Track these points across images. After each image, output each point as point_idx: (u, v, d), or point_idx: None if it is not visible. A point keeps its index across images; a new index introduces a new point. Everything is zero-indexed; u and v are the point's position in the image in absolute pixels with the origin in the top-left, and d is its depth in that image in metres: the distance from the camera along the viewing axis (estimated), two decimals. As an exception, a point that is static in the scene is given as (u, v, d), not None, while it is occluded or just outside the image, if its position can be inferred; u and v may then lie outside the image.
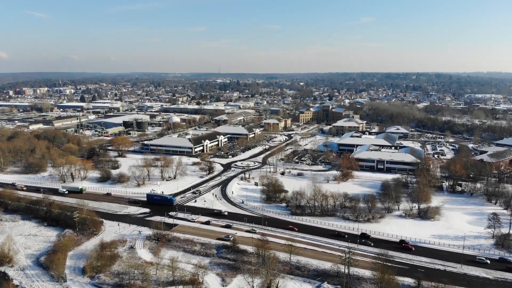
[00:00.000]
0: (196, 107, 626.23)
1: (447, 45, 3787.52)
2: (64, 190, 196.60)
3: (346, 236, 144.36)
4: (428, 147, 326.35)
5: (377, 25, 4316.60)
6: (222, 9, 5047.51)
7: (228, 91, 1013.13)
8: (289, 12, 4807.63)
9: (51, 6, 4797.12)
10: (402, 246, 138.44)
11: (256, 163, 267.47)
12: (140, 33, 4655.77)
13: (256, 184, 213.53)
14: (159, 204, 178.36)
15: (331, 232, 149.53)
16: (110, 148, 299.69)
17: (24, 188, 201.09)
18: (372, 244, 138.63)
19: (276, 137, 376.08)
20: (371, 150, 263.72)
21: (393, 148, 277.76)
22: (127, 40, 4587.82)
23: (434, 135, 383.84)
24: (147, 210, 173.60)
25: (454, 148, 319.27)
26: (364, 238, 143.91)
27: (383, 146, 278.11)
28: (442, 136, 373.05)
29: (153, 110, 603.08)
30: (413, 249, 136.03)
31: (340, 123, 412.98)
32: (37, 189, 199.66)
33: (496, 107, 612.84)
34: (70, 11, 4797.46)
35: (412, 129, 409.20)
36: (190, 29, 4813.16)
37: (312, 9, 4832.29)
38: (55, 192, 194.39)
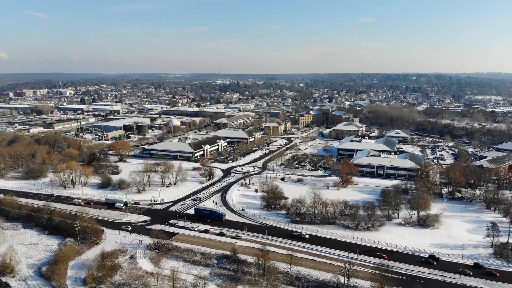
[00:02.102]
0: (196, 109, 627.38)
1: (447, 45, 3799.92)
2: (121, 205, 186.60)
3: (435, 263, 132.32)
4: (428, 151, 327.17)
5: (377, 25, 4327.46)
6: (222, 9, 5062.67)
7: (228, 93, 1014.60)
8: (289, 12, 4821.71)
9: (51, 6, 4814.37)
10: (486, 272, 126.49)
11: (256, 168, 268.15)
12: (140, 33, 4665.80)
13: (256, 190, 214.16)
14: (208, 218, 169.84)
15: (419, 259, 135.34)
16: (110, 152, 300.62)
17: (82, 203, 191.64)
18: (471, 274, 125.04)
19: (276, 141, 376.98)
20: (371, 155, 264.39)
21: (392, 153, 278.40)
22: (127, 40, 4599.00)
23: (434, 139, 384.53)
24: (147, 218, 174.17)
25: (454, 152, 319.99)
26: (433, 260, 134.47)
27: (382, 151, 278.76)
28: (442, 140, 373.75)
29: (153, 113, 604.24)
30: (498, 275, 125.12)
31: (340, 126, 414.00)
32: (92, 202, 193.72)
33: (495, 110, 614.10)
34: (70, 11, 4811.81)
35: (412, 133, 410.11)
36: (190, 29, 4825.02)
37: (312, 9, 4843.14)
38: (112, 206, 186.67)
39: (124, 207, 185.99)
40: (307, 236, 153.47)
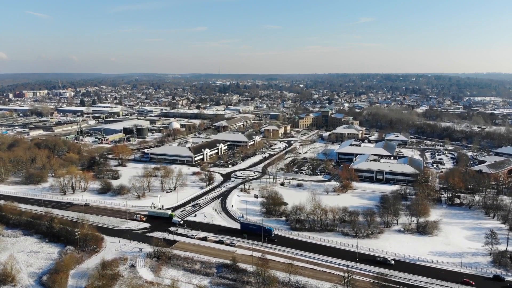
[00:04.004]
0: (196, 111, 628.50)
1: (447, 46, 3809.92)
2: (179, 220, 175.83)
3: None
4: (427, 155, 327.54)
5: (376, 25, 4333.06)
6: (222, 9, 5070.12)
7: (228, 94, 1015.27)
8: (289, 12, 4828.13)
9: (51, 6, 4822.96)
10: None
11: (256, 173, 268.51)
12: (140, 33, 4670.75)
13: (256, 196, 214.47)
14: (255, 234, 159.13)
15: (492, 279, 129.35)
16: (110, 156, 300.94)
17: (144, 219, 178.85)
18: None
19: (275, 144, 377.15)
20: (370, 160, 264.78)
21: (392, 158, 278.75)
22: (127, 40, 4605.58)
23: (433, 142, 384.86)
24: (147, 225, 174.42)
25: (453, 156, 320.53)
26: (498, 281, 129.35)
27: (382, 156, 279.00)
28: (441, 144, 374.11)
29: (153, 115, 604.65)
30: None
31: (339, 129, 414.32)
32: (152, 218, 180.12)
33: (495, 112, 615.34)
34: (70, 11, 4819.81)
35: (411, 136, 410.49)
36: (190, 29, 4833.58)
37: (312, 9, 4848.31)
38: (168, 222, 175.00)
39: (182, 222, 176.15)
40: (392, 262, 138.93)
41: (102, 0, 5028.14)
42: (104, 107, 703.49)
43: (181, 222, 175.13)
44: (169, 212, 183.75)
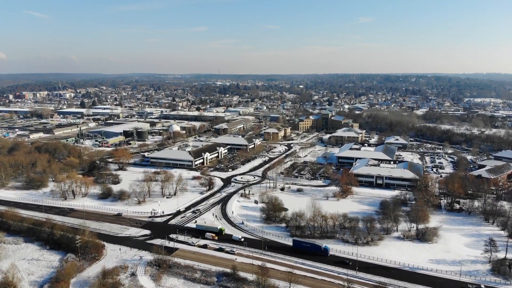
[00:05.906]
0: (196, 113, 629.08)
1: (447, 46, 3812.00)
2: (239, 237, 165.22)
3: None
4: (427, 159, 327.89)
5: (376, 25, 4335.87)
6: (222, 9, 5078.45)
7: (228, 95, 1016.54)
8: (289, 12, 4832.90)
9: (51, 6, 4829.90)
10: None
11: (256, 177, 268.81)
12: (140, 33, 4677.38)
13: (256, 202, 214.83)
14: (309, 253, 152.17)
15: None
16: (110, 160, 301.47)
17: (216, 238, 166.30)
18: None
19: (275, 147, 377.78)
20: (370, 165, 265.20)
21: (392, 162, 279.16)
22: (127, 40, 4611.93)
23: (433, 146, 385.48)
24: (147, 232, 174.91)
25: (453, 160, 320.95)
26: None
27: (382, 160, 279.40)
28: (441, 147, 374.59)
29: (153, 117, 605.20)
30: None
31: (339, 132, 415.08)
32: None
33: (495, 114, 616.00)
34: (70, 11, 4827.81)
35: (411, 139, 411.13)
36: (190, 29, 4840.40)
37: (312, 9, 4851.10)
38: (229, 239, 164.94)
39: (243, 239, 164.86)
40: None
41: (102, 0, 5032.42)
42: (104, 108, 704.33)
43: (242, 239, 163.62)
44: (219, 226, 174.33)
